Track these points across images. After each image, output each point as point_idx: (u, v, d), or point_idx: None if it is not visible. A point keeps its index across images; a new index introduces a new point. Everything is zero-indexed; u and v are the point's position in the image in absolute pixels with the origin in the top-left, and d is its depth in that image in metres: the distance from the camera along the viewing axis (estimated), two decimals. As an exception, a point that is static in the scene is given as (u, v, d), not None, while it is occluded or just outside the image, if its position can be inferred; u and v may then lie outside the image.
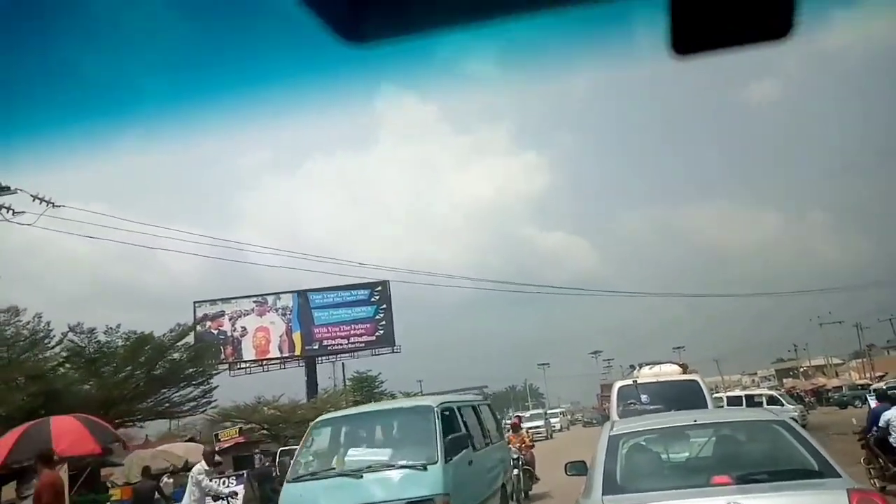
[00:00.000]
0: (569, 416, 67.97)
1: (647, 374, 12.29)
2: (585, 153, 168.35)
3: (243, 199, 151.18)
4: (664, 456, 5.39)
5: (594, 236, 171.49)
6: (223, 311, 44.89)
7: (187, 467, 13.38)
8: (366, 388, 65.35)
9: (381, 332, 44.57)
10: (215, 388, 29.15)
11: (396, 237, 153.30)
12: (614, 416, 10.74)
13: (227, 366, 42.81)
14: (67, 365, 22.02)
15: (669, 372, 12.22)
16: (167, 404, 25.94)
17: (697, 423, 5.45)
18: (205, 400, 28.13)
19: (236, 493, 10.47)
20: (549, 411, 49.15)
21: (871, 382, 44.15)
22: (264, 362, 45.41)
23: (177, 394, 26.34)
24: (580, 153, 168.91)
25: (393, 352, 45.21)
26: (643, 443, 5.30)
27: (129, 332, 22.35)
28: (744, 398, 25.31)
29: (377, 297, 45.04)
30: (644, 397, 11.03)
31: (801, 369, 76.56)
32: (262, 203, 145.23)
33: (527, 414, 44.74)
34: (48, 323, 20.59)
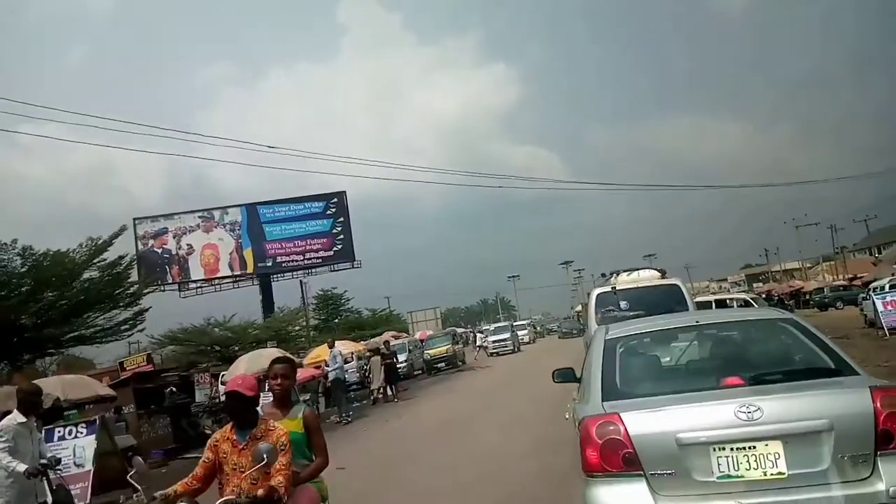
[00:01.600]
0: (537, 328, 66.68)
1: (625, 281, 11.59)
2: (556, 65, 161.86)
3: (203, 114, 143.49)
4: (666, 359, 5.01)
5: (563, 150, 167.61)
6: (166, 228, 41.50)
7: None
8: (331, 307, 63.37)
9: (340, 246, 41.72)
10: (146, 309, 26.36)
11: (361, 153, 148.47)
12: (592, 323, 10.44)
13: (155, 286, 40.20)
14: None
15: (648, 277, 11.63)
16: (86, 329, 23.13)
17: (699, 323, 4.97)
18: (132, 323, 25.35)
19: (58, 461, 7.34)
20: (515, 323, 46.11)
21: (847, 284, 42.92)
22: (215, 281, 42.57)
23: (100, 317, 23.50)
24: (550, 65, 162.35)
25: (353, 267, 42.60)
26: (642, 346, 4.88)
27: (25, 247, 19.19)
28: (713, 303, 23.26)
29: (333, 209, 41.94)
30: (623, 303, 10.59)
31: (771, 273, 76.32)
32: (222, 118, 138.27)
33: (490, 327, 41.60)
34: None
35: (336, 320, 58.75)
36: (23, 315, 18.69)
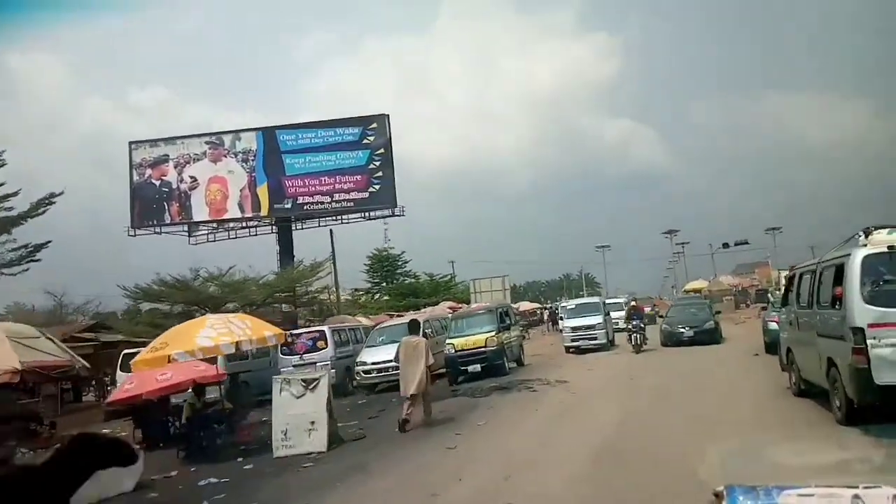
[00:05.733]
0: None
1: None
2: (660, 35, 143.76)
3: (302, 83, 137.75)
4: None
5: (663, 126, 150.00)
6: (167, 156, 33.20)
7: None
8: (386, 269, 54.40)
9: (377, 186, 32.09)
10: (44, 245, 17.86)
11: (453, 125, 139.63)
12: (856, 298, 7.66)
13: (150, 226, 32.41)
14: None
15: None
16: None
17: None
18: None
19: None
20: (607, 300, 30.97)
21: None
22: (229, 224, 34.13)
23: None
24: (654, 35, 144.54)
25: (393, 214, 32.98)
26: None
27: None
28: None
29: (372, 138, 32.28)
30: None
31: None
32: (321, 87, 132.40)
33: (570, 304, 27.50)
34: None
35: (384, 284, 49.83)
36: None
